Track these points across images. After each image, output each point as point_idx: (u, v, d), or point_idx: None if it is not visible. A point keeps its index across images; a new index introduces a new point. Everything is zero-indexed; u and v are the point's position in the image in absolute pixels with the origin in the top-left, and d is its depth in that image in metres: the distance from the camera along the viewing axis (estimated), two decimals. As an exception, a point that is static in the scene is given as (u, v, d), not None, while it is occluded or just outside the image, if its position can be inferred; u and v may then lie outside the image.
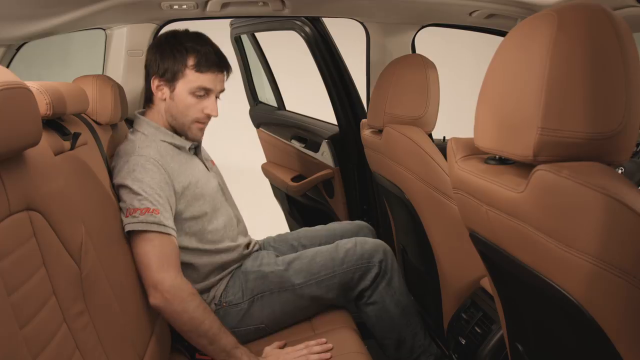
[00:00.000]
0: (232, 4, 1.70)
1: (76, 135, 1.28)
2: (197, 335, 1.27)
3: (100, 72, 2.17)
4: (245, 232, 1.59)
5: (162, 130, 1.44)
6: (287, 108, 2.88)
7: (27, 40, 1.65)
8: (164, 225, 1.28)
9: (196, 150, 1.51)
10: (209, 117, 1.44)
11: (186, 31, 1.45)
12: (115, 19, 1.92)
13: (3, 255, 0.74)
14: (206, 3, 1.67)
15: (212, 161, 1.62)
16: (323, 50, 2.25)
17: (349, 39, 2.44)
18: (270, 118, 2.83)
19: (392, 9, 1.94)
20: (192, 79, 1.40)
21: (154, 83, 1.43)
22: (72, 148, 1.26)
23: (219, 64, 1.42)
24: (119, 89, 1.69)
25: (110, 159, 1.60)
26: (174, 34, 1.44)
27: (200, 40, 1.42)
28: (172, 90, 1.42)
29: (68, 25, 1.56)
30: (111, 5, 1.50)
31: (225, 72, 1.45)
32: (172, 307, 1.24)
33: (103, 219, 1.18)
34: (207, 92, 1.41)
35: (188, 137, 1.46)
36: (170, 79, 1.41)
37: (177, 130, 1.46)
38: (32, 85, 1.12)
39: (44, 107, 1.15)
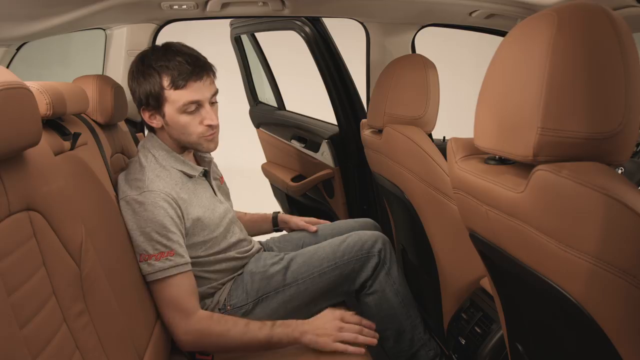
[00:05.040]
0: (232, 4, 1.71)
1: (76, 136, 1.28)
2: (231, 350, 1.31)
3: (100, 72, 2.18)
4: (249, 241, 1.59)
5: (174, 155, 1.39)
6: (287, 108, 2.88)
7: (27, 40, 1.65)
8: (181, 265, 1.29)
9: (205, 173, 1.48)
10: (211, 127, 1.35)
11: (153, 50, 1.35)
12: (115, 19, 1.92)
13: (3, 255, 0.74)
14: (206, 3, 1.67)
15: (221, 178, 1.59)
16: (323, 50, 2.25)
17: (349, 39, 2.44)
18: (270, 118, 2.83)
19: (392, 9, 1.94)
20: (175, 98, 1.30)
21: (145, 115, 1.36)
22: (72, 148, 1.26)
23: (195, 72, 1.30)
24: (119, 89, 1.69)
25: (112, 157, 1.60)
26: (142, 57, 1.35)
27: (168, 55, 1.31)
28: (163, 116, 1.34)
29: (68, 25, 1.56)
30: (111, 5, 1.50)
31: (206, 76, 1.33)
32: (199, 344, 1.29)
33: (103, 219, 1.18)
34: (197, 104, 1.32)
35: (201, 151, 1.42)
36: (156, 106, 1.33)
37: (189, 148, 1.42)
38: (32, 85, 1.13)
39: (44, 107, 1.15)
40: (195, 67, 1.31)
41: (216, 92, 1.37)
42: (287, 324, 1.28)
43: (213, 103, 1.37)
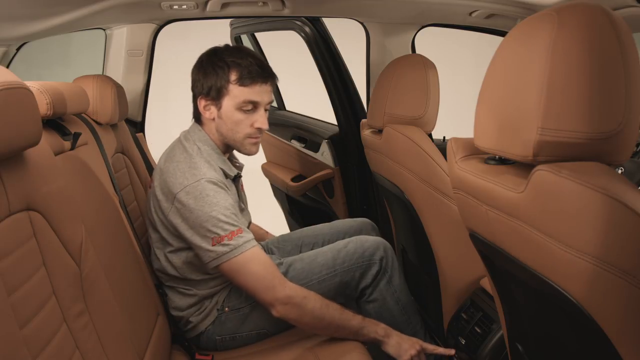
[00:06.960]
0: (232, 4, 1.71)
1: (76, 135, 1.28)
2: (322, 328, 1.34)
3: (100, 72, 2.18)
4: None
5: (218, 152, 1.42)
6: (287, 108, 2.88)
7: (27, 40, 1.65)
8: (252, 240, 1.31)
9: (236, 177, 1.49)
10: (260, 130, 1.41)
11: (226, 46, 1.42)
12: (115, 19, 1.92)
13: (3, 255, 0.74)
14: (206, 3, 1.67)
15: (241, 185, 1.61)
16: (323, 50, 2.25)
17: (349, 39, 2.44)
18: (270, 118, 2.80)
19: (392, 9, 1.94)
20: (236, 93, 1.36)
21: (201, 103, 1.40)
22: (72, 148, 1.26)
23: (263, 75, 1.37)
24: (119, 89, 1.69)
25: (112, 157, 1.60)
26: (214, 50, 1.41)
27: (241, 53, 1.38)
28: (219, 108, 1.38)
29: (68, 25, 1.57)
30: (111, 5, 1.50)
31: (270, 83, 1.40)
32: (292, 316, 1.31)
33: (103, 219, 1.18)
34: (254, 105, 1.38)
35: (242, 152, 1.44)
36: (216, 97, 1.37)
37: (230, 147, 1.45)
38: (32, 85, 1.13)
39: (44, 107, 1.15)
40: (264, 71, 1.38)
41: (272, 101, 1.44)
42: (375, 322, 1.38)
43: (266, 110, 1.43)
